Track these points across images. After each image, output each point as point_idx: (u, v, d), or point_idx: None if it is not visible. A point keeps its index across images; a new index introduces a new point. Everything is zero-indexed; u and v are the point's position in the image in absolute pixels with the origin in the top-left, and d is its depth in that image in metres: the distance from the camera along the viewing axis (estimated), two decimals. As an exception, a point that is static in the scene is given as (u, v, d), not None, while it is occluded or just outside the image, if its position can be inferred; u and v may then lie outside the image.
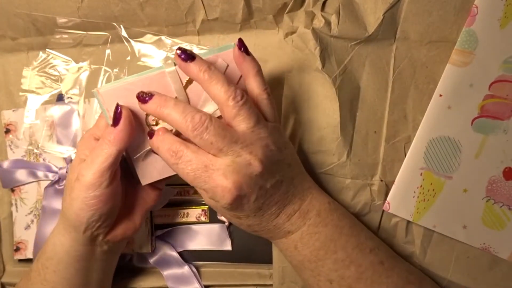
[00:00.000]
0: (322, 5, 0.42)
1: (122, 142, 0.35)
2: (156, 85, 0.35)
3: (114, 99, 0.35)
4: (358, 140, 0.43)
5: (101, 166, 0.35)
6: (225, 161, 0.33)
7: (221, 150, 0.33)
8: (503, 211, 0.40)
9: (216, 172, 0.33)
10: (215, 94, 0.34)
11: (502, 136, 0.40)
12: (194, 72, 0.34)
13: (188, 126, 0.33)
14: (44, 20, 0.47)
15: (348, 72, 0.42)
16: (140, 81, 0.35)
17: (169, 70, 0.35)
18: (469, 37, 0.39)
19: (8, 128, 0.50)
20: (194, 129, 0.33)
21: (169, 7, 0.44)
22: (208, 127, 0.33)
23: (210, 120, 0.33)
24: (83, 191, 0.35)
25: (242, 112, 0.34)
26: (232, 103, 0.33)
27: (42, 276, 0.40)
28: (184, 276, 0.48)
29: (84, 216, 0.36)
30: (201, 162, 0.33)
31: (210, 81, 0.34)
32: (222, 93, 0.33)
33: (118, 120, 0.35)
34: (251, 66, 0.36)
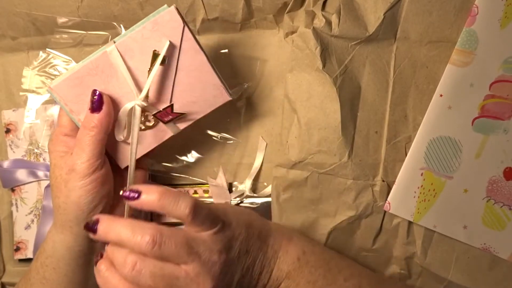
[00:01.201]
0: (322, 5, 0.42)
1: (107, 125, 0.36)
2: (102, 67, 0.36)
3: (68, 91, 0.36)
4: (359, 140, 0.43)
5: (92, 152, 0.36)
6: (193, 267, 0.32)
7: (182, 257, 0.32)
8: (503, 211, 0.40)
9: (189, 281, 0.32)
10: (171, 215, 0.32)
11: (502, 136, 0.40)
12: (153, 204, 0.32)
13: (142, 244, 0.31)
14: (44, 20, 0.47)
15: (348, 72, 0.42)
16: (86, 66, 0.36)
17: (109, 49, 0.36)
18: (470, 37, 0.39)
19: (8, 127, 0.50)
20: (148, 246, 0.31)
21: (169, 6, 0.44)
22: (165, 241, 0.31)
23: (162, 231, 0.31)
24: (79, 179, 0.36)
25: (196, 222, 0.33)
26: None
27: (41, 274, 0.40)
28: (184, 276, 0.48)
29: (84, 203, 0.37)
30: (169, 272, 0.31)
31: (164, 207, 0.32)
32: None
33: (100, 105, 0.36)
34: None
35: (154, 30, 0.35)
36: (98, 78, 0.36)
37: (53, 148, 0.39)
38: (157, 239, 0.31)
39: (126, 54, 0.36)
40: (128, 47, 0.36)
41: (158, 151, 0.42)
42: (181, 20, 0.35)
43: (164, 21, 0.35)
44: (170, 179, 0.49)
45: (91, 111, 0.36)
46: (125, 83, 0.37)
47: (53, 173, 0.38)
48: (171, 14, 0.35)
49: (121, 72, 0.36)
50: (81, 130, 0.36)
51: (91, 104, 0.36)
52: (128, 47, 0.36)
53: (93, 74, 0.36)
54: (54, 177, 0.38)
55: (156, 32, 0.35)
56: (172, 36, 0.36)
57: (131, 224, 0.32)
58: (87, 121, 0.36)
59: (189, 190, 0.49)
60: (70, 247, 0.38)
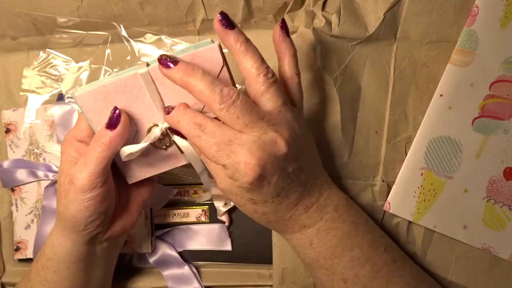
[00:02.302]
0: (322, 5, 0.42)
1: (117, 145, 0.35)
2: (130, 86, 0.35)
3: (91, 102, 0.35)
4: (359, 140, 0.43)
5: (95, 168, 0.35)
6: (250, 137, 0.32)
7: (247, 125, 0.32)
8: (503, 211, 0.40)
9: (240, 147, 0.31)
10: (245, 68, 0.33)
11: (502, 136, 0.40)
12: (231, 41, 0.33)
13: (215, 99, 0.31)
14: (44, 20, 0.47)
15: (348, 72, 0.42)
16: (114, 83, 0.35)
17: (141, 71, 0.35)
18: (470, 37, 0.39)
19: (8, 127, 0.50)
20: (222, 102, 0.31)
21: (169, 6, 0.44)
22: (235, 101, 0.31)
23: (238, 95, 0.32)
24: (78, 194, 0.35)
25: (271, 90, 0.33)
26: (262, 79, 0.33)
27: (42, 276, 0.40)
28: (184, 276, 0.48)
29: (82, 217, 0.36)
30: (225, 136, 0.32)
31: (245, 54, 0.33)
32: (254, 69, 0.33)
33: (116, 123, 0.35)
34: (288, 48, 0.36)
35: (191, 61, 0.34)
36: (124, 96, 0.36)
37: (65, 149, 0.38)
38: (234, 95, 0.31)
39: (157, 80, 0.35)
40: (159, 73, 0.35)
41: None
42: (222, 59, 0.34)
43: (204, 56, 0.34)
44: (170, 179, 0.49)
45: (106, 127, 0.35)
46: (150, 106, 0.36)
47: (59, 177, 0.37)
48: (213, 51, 0.34)
49: (149, 95, 0.36)
50: (92, 142, 0.35)
51: (108, 120, 0.35)
52: (159, 73, 0.35)
53: (120, 92, 0.35)
54: (59, 182, 0.37)
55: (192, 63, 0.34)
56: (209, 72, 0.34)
57: (212, 78, 0.32)
58: (99, 135, 0.35)
59: (189, 190, 0.49)
60: (69, 252, 0.38)
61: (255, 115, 0.32)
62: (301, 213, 0.36)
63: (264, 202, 0.34)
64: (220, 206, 0.48)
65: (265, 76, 0.33)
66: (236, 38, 0.33)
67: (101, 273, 0.42)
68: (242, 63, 0.33)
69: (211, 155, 0.32)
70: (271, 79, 0.33)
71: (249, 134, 0.32)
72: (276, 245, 0.45)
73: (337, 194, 0.38)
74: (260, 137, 0.32)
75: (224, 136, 0.32)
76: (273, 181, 0.33)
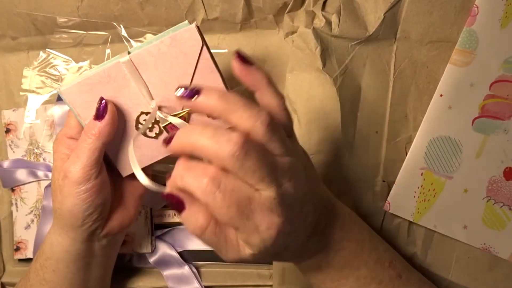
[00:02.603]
0: (322, 5, 0.42)
1: (107, 135, 0.35)
2: (114, 76, 0.35)
3: (77, 96, 0.36)
4: (359, 140, 0.43)
5: (88, 160, 0.35)
6: (269, 194, 0.27)
7: (263, 179, 0.26)
8: (503, 211, 0.40)
9: (260, 206, 0.27)
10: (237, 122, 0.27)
11: (502, 136, 0.40)
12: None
13: (224, 154, 0.26)
14: (44, 20, 0.47)
15: (348, 72, 0.42)
16: (98, 74, 0.35)
17: (123, 60, 0.35)
18: (470, 37, 0.39)
19: (8, 127, 0.50)
20: (233, 155, 0.26)
21: (169, 6, 0.44)
22: (248, 153, 0.26)
23: (247, 142, 0.26)
24: (73, 187, 0.35)
25: (274, 138, 0.27)
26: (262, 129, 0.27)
27: (41, 276, 0.39)
28: (184, 276, 0.48)
29: (79, 211, 0.36)
30: (245, 192, 0.27)
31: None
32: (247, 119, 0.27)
33: (103, 114, 0.35)
34: (260, 76, 0.30)
35: (172, 46, 0.35)
36: (109, 86, 0.36)
37: (56, 148, 0.38)
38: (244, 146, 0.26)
39: (140, 67, 0.35)
40: (143, 60, 0.35)
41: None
42: (201, 39, 0.35)
43: (183, 38, 0.34)
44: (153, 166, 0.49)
45: (94, 118, 0.35)
46: (136, 95, 0.36)
47: (53, 175, 0.37)
48: (190, 32, 0.34)
49: (133, 83, 0.36)
50: (82, 135, 0.36)
51: (96, 111, 0.35)
52: (143, 59, 0.35)
53: (104, 83, 0.36)
54: (53, 180, 0.37)
55: (173, 48, 0.35)
56: (189, 54, 0.35)
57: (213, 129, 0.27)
58: (88, 128, 0.35)
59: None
60: (68, 250, 0.38)
61: (270, 167, 0.27)
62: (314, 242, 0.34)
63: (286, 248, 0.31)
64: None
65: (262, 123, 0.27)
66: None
67: (101, 272, 0.42)
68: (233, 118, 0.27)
69: (228, 216, 0.27)
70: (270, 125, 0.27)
71: (267, 191, 0.27)
72: (276, 245, 0.45)
73: (340, 211, 0.37)
74: (277, 191, 0.27)
75: (243, 194, 0.27)
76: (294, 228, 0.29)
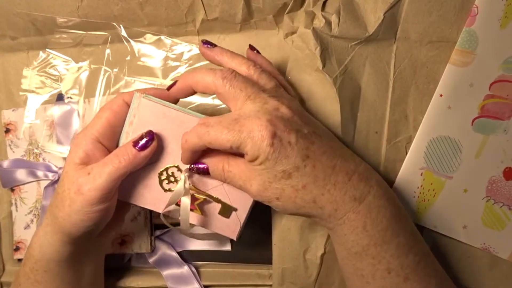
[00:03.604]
0: (322, 5, 0.42)
1: (136, 166, 0.35)
2: (185, 126, 0.36)
3: (149, 112, 0.36)
4: (359, 140, 0.43)
5: (109, 183, 0.34)
6: (253, 107, 0.33)
7: (249, 96, 0.33)
8: (503, 211, 0.40)
9: (247, 118, 0.32)
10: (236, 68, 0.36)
11: (502, 136, 0.40)
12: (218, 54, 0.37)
13: (217, 77, 0.34)
14: (43, 20, 0.47)
15: (348, 72, 0.42)
16: (179, 114, 0.36)
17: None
18: (470, 37, 0.39)
19: (8, 127, 0.50)
20: (223, 77, 0.33)
21: (168, 6, 0.44)
22: (236, 77, 0.34)
23: (237, 73, 0.34)
24: (86, 206, 0.34)
25: (263, 76, 0.35)
26: (253, 69, 0.35)
27: (33, 278, 0.39)
28: (184, 276, 0.48)
29: (82, 226, 0.35)
30: (230, 117, 0.33)
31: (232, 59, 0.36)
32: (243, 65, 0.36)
33: (146, 146, 0.35)
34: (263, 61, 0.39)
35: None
36: (175, 128, 0.36)
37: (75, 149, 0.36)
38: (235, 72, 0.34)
39: None
40: None
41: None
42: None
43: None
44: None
45: (134, 145, 0.35)
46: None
47: (62, 181, 0.35)
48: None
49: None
50: (111, 156, 0.35)
51: (139, 139, 0.35)
52: None
53: (176, 124, 0.36)
54: (63, 187, 0.35)
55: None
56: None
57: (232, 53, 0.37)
58: (123, 151, 0.34)
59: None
60: (58, 251, 0.37)
61: (256, 87, 0.34)
62: (345, 179, 0.33)
63: (297, 168, 0.32)
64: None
65: (254, 66, 0.36)
66: (221, 51, 0.37)
67: (93, 267, 0.42)
68: (232, 64, 0.36)
69: (225, 140, 0.32)
70: (260, 68, 0.36)
71: (252, 105, 0.33)
72: (276, 245, 0.45)
73: (372, 169, 0.36)
74: (263, 106, 0.33)
75: (229, 118, 0.33)
76: (293, 140, 0.32)
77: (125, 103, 0.37)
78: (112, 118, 0.36)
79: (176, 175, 0.37)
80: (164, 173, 0.37)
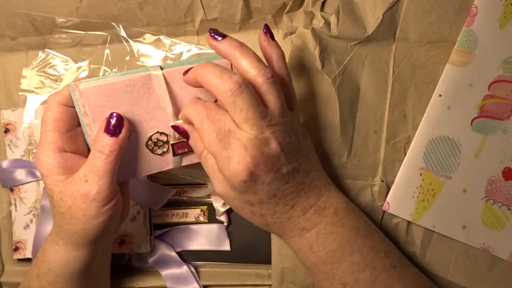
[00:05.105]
0: (321, 5, 0.42)
1: (123, 148, 0.35)
2: (138, 87, 0.35)
3: (95, 97, 0.34)
4: (358, 140, 0.43)
5: (111, 178, 0.34)
6: (248, 134, 0.32)
7: (248, 121, 0.32)
8: (502, 211, 0.40)
9: (237, 141, 0.32)
10: (244, 68, 0.33)
11: (501, 136, 0.40)
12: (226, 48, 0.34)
13: (223, 84, 0.31)
14: (43, 20, 0.47)
15: (347, 72, 0.42)
16: (123, 82, 0.34)
17: (156, 73, 0.35)
18: (469, 37, 0.39)
19: (7, 127, 0.50)
20: (230, 89, 0.31)
21: (168, 7, 0.44)
22: (243, 92, 0.31)
23: (246, 85, 0.32)
24: (102, 207, 0.34)
25: (271, 91, 0.33)
26: (262, 79, 0.32)
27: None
28: (183, 276, 0.48)
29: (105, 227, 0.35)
30: (227, 126, 0.32)
31: (241, 56, 0.33)
32: (253, 69, 0.33)
33: (117, 129, 0.34)
34: (275, 50, 0.35)
35: None
36: (129, 96, 0.35)
37: (47, 170, 0.35)
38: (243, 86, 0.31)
39: (171, 84, 0.36)
40: (173, 78, 0.35)
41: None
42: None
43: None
44: (169, 179, 0.49)
45: (108, 134, 0.34)
46: (153, 109, 0.36)
47: (62, 200, 0.35)
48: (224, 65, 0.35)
49: (155, 97, 0.35)
50: (96, 154, 0.34)
51: (107, 126, 0.34)
52: (173, 78, 0.35)
53: (126, 91, 0.35)
54: (66, 205, 0.35)
55: None
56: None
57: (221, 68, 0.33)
58: (103, 145, 0.34)
59: (188, 190, 0.49)
60: (85, 261, 0.37)
61: (258, 113, 0.32)
62: (299, 215, 0.36)
63: (261, 203, 0.34)
64: (219, 206, 0.48)
65: (264, 75, 0.33)
66: (229, 44, 0.34)
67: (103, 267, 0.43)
68: (240, 65, 0.33)
69: (208, 141, 0.33)
70: (271, 79, 0.33)
71: (247, 132, 0.32)
72: (275, 245, 0.45)
73: (336, 197, 0.38)
74: (257, 136, 0.32)
75: (225, 126, 0.32)
76: (267, 180, 0.33)
77: (60, 105, 0.35)
78: (61, 126, 0.35)
79: (161, 138, 0.37)
80: (149, 143, 0.37)
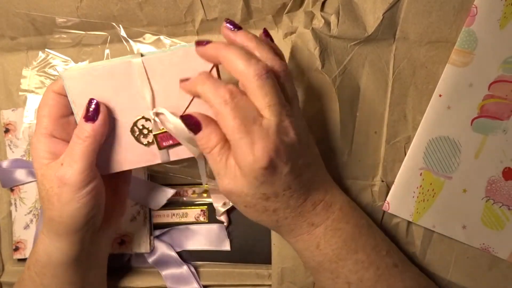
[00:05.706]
0: (321, 5, 0.42)
1: (101, 136, 0.35)
2: (119, 74, 0.35)
3: (78, 84, 0.35)
4: (358, 140, 0.43)
5: (85, 163, 0.34)
6: (270, 122, 0.31)
7: (270, 107, 0.31)
8: (502, 211, 0.40)
9: (261, 128, 0.30)
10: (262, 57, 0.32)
11: (501, 136, 0.40)
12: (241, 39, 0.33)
13: (250, 69, 0.30)
14: (43, 20, 0.47)
15: (347, 73, 0.42)
16: (104, 68, 0.35)
17: (135, 60, 0.35)
18: (469, 37, 0.39)
19: (7, 127, 0.50)
20: (256, 74, 0.30)
21: (168, 6, 0.44)
22: (269, 78, 0.31)
23: (272, 72, 0.31)
24: (74, 193, 0.34)
25: (287, 83, 0.33)
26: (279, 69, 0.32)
27: (39, 282, 0.39)
28: (183, 276, 0.48)
29: (80, 215, 0.35)
30: (252, 113, 0.31)
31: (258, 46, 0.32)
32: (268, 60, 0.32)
33: (95, 115, 0.34)
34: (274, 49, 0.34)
35: (184, 59, 0.35)
36: (110, 83, 0.35)
37: (36, 153, 0.36)
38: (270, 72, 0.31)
39: (149, 72, 0.35)
40: (153, 66, 0.35)
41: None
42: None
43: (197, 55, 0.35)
44: (169, 179, 0.49)
45: (86, 120, 0.34)
46: (135, 97, 0.36)
47: (42, 184, 0.35)
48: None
49: (137, 85, 0.35)
50: (74, 138, 0.35)
51: (86, 113, 0.35)
52: (153, 66, 0.35)
53: (107, 78, 0.35)
54: (44, 189, 0.35)
55: (185, 61, 0.35)
56: (198, 70, 0.34)
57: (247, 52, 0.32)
58: (81, 130, 0.34)
59: (188, 190, 0.49)
60: (68, 254, 0.37)
61: (281, 100, 0.31)
62: (310, 209, 0.35)
63: (276, 195, 0.33)
64: (219, 206, 0.48)
65: (280, 67, 0.32)
66: (246, 37, 0.33)
67: (98, 270, 0.42)
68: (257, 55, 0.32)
69: (231, 127, 0.31)
70: (287, 71, 0.33)
71: (269, 118, 0.31)
72: (275, 245, 0.45)
73: (340, 194, 0.38)
74: (279, 124, 0.31)
75: (250, 111, 0.31)
76: (285, 171, 0.32)
77: (55, 93, 0.36)
78: (53, 112, 0.36)
79: (147, 125, 0.37)
80: (135, 129, 0.37)
